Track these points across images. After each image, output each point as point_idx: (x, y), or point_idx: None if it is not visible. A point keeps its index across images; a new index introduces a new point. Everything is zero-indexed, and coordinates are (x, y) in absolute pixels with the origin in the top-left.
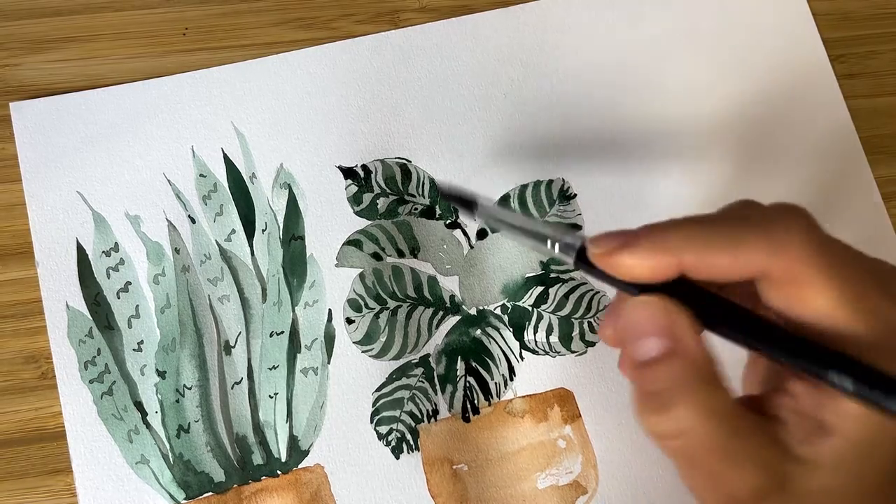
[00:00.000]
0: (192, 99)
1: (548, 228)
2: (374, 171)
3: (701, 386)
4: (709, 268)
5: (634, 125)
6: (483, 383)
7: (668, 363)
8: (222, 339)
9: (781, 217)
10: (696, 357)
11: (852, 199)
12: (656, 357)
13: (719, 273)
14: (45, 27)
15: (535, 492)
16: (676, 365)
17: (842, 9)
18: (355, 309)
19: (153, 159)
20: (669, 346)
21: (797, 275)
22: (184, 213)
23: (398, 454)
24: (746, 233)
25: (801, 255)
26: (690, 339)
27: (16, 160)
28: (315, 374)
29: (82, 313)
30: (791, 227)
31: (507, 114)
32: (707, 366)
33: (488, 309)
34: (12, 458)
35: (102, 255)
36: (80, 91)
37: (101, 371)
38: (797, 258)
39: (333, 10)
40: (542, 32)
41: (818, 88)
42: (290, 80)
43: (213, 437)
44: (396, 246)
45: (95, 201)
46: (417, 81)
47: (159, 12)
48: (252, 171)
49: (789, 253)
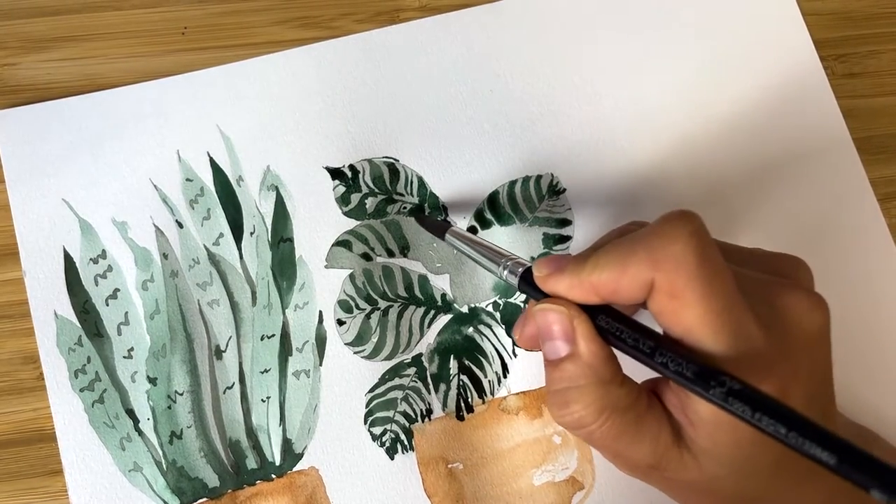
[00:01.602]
0: (177, 103)
1: (499, 256)
2: (362, 171)
3: (595, 386)
4: (610, 290)
5: (623, 121)
6: (476, 381)
7: (567, 364)
8: (213, 343)
9: (664, 228)
10: (591, 360)
11: (847, 199)
12: (562, 357)
13: (623, 293)
14: (43, 26)
15: (531, 488)
16: (574, 366)
17: (842, 8)
18: (346, 310)
19: (139, 165)
20: (570, 348)
21: (676, 288)
22: (171, 217)
23: (393, 455)
24: (632, 250)
25: (678, 267)
26: (587, 344)
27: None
28: (307, 377)
29: (71, 321)
30: (671, 237)
31: (495, 110)
32: (602, 366)
33: (480, 306)
34: (10, 459)
35: (90, 263)
36: (79, 93)
37: (91, 379)
38: (675, 270)
39: (334, 8)
40: (528, 27)
41: (809, 88)
42: (275, 81)
43: (206, 443)
44: (386, 246)
45: (81, 208)
46: (403, 79)
47: (158, 12)
48: (239, 174)
49: (669, 264)
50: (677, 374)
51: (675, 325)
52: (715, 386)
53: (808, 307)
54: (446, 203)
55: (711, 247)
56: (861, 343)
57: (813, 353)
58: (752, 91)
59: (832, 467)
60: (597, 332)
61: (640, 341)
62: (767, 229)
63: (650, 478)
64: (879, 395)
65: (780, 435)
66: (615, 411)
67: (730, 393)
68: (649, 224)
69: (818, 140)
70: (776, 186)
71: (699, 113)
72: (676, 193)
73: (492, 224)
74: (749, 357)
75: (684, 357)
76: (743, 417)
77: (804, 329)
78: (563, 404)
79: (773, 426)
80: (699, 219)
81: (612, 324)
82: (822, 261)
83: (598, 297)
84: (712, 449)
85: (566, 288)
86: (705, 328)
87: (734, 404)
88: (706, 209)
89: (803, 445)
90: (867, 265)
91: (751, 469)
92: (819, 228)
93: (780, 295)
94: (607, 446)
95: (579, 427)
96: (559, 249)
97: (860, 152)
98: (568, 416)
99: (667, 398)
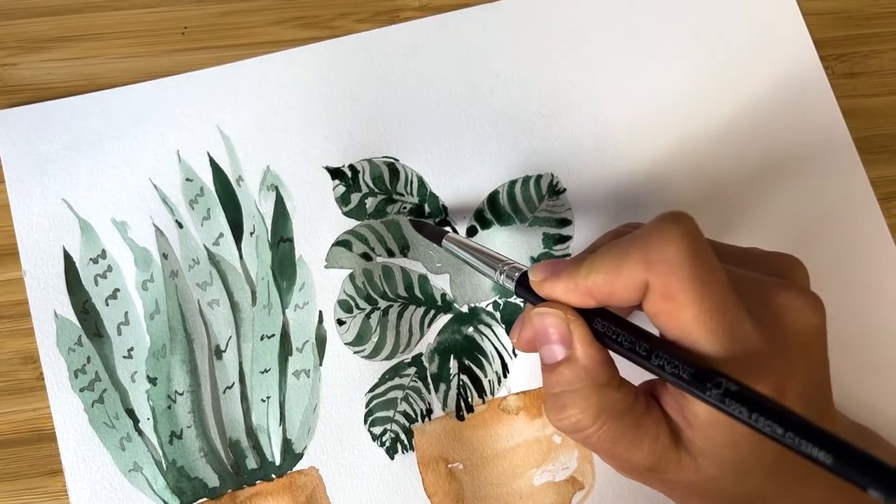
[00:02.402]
0: (176, 103)
1: (496, 261)
2: (362, 171)
3: (592, 389)
4: (606, 293)
5: (623, 120)
6: (477, 381)
7: (564, 368)
8: (213, 343)
9: (657, 230)
10: (587, 363)
11: (847, 199)
12: (559, 361)
13: (618, 296)
14: (43, 26)
15: (531, 488)
16: (570, 370)
17: (842, 8)
18: (346, 310)
19: (138, 165)
20: (567, 351)
21: (670, 290)
22: (171, 217)
23: (393, 454)
24: (626, 253)
25: (672, 269)
26: (582, 347)
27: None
28: (307, 377)
29: (71, 321)
30: (665, 238)
31: (495, 109)
32: (599, 370)
33: (480, 306)
34: (10, 459)
35: (90, 263)
36: (79, 93)
37: (91, 379)
38: (669, 271)
39: (334, 8)
40: (528, 27)
41: (809, 88)
42: (274, 81)
43: (206, 443)
44: (386, 245)
45: (81, 208)
46: (403, 79)
47: (158, 11)
48: (238, 174)
49: (662, 266)
50: (674, 376)
51: (671, 327)
52: (711, 387)
53: (804, 307)
54: (446, 203)
55: (705, 248)
56: (861, 342)
57: (809, 353)
58: (752, 91)
59: (829, 467)
60: (593, 336)
61: (636, 344)
62: (767, 229)
63: (648, 479)
64: (880, 394)
65: (776, 435)
66: (612, 415)
67: (726, 394)
68: (641, 227)
69: (818, 140)
70: (776, 186)
71: (699, 112)
72: (676, 193)
73: (492, 224)
74: (745, 357)
75: (680, 359)
76: (739, 418)
77: (800, 329)
78: (560, 408)
79: (769, 426)
80: (692, 220)
81: (608, 327)
82: (822, 260)
83: (593, 300)
84: (710, 450)
85: (562, 292)
86: (701, 329)
87: (731, 405)
88: (706, 208)
89: (800, 445)
90: (867, 265)
91: (749, 469)
92: (819, 228)
93: (776, 294)
94: (605, 449)
95: (576, 431)
96: (559, 249)
97: (860, 152)
98: (565, 420)
99: (664, 400)
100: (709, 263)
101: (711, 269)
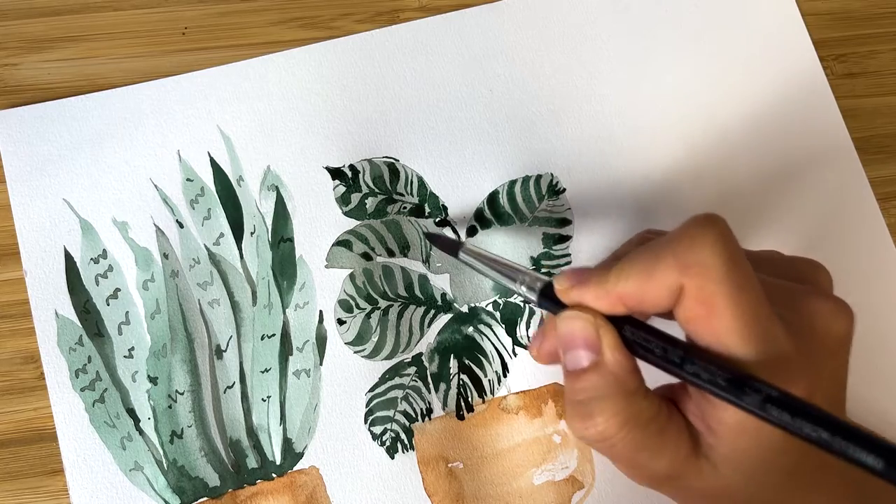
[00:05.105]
0: (177, 103)
1: (515, 272)
2: (362, 171)
3: (619, 397)
4: (636, 299)
5: (623, 120)
6: (476, 380)
7: (591, 374)
8: (213, 343)
9: (690, 233)
10: (616, 370)
11: (847, 199)
12: (585, 367)
13: (649, 302)
14: (43, 27)
15: (531, 488)
16: (598, 377)
17: (842, 8)
18: (346, 310)
19: (139, 165)
20: (595, 358)
21: (706, 294)
22: (171, 217)
23: (393, 454)
24: (658, 257)
25: (707, 272)
26: (612, 353)
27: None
28: (307, 376)
29: (72, 321)
30: (699, 241)
31: (494, 109)
32: (627, 377)
33: (480, 306)
34: (11, 459)
35: (90, 263)
36: (79, 93)
37: (92, 378)
38: (704, 275)
39: (333, 9)
40: (528, 27)
41: (808, 88)
42: (274, 81)
43: (206, 442)
44: (386, 245)
45: (82, 208)
46: (403, 79)
47: (158, 12)
48: (239, 174)
49: (698, 269)
50: (710, 383)
51: (704, 332)
52: (750, 393)
53: (834, 313)
54: (446, 203)
55: (739, 251)
56: (862, 343)
57: (836, 358)
58: (752, 91)
59: (879, 471)
60: (622, 343)
61: (668, 351)
62: (766, 229)
63: (664, 487)
64: (881, 395)
65: (822, 440)
66: (638, 423)
67: (767, 400)
68: (672, 231)
69: (818, 140)
70: (775, 186)
71: (699, 112)
72: (676, 193)
73: (491, 224)
74: (777, 363)
75: (716, 365)
76: (780, 424)
77: (831, 335)
78: (585, 415)
79: (815, 432)
80: (724, 222)
81: (637, 334)
82: (822, 260)
83: (624, 306)
84: (732, 456)
85: (592, 299)
86: (735, 335)
87: (771, 411)
88: (706, 208)
89: (847, 450)
90: (867, 265)
91: (766, 476)
92: (818, 228)
93: (807, 301)
94: (627, 458)
95: (602, 440)
96: (559, 249)
97: (860, 152)
98: (592, 429)
99: (685, 406)
100: (744, 268)
101: (746, 274)
